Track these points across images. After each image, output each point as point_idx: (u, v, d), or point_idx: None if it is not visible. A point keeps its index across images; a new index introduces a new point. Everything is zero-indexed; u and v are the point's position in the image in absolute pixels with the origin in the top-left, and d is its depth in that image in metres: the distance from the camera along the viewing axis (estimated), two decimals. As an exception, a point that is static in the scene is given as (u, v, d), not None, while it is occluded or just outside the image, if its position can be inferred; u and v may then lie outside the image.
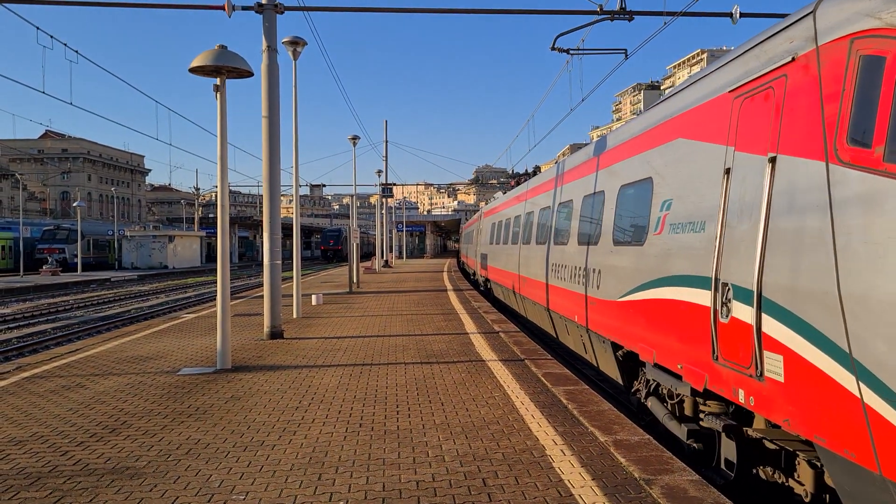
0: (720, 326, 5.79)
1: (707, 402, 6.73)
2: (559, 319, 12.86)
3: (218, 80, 9.74)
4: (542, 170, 23.14)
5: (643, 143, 8.42)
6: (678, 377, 6.84)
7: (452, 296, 22.75)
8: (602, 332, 9.56)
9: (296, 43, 15.08)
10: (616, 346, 9.22)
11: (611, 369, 9.91)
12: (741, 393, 5.46)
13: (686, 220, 6.71)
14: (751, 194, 5.46)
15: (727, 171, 5.91)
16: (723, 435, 6.34)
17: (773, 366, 4.96)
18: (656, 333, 7.30)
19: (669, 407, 7.56)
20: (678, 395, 7.29)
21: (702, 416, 6.76)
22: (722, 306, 5.75)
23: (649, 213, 7.75)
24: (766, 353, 5.05)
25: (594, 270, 9.87)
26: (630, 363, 9.07)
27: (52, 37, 13.57)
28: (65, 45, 13.95)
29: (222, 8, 12.73)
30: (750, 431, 6.12)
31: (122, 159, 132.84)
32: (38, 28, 13.24)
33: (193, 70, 9.51)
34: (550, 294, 13.38)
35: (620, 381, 9.44)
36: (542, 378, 8.95)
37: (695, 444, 6.87)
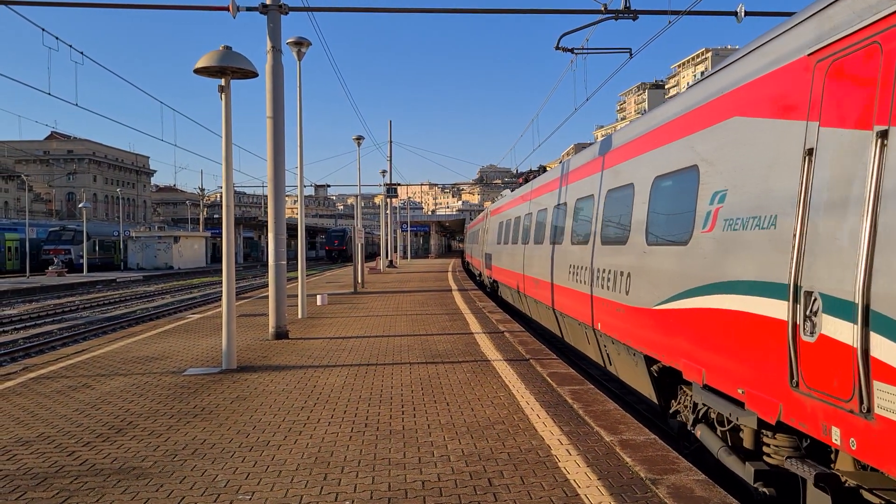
0: (802, 346, 4.70)
1: (775, 434, 5.58)
2: (577, 327, 11.75)
3: (223, 80, 9.76)
4: (548, 169, 21.40)
5: (684, 127, 7.29)
6: (738, 403, 5.73)
7: (457, 296, 22.75)
8: (632, 344, 8.39)
9: (300, 43, 15.11)
10: (650, 360, 8.10)
11: (643, 386, 8.73)
12: (836, 432, 4.37)
13: (747, 213, 5.61)
14: (847, 179, 4.41)
15: (808, 153, 4.83)
16: (810, 483, 5.01)
17: (891, 402, 3.87)
18: (706, 349, 6.18)
19: (720, 434, 6.42)
20: (730, 421, 6.13)
21: (766, 449, 5.69)
22: (805, 321, 4.67)
23: (695, 208, 6.65)
24: (877, 385, 4.00)
25: (622, 273, 8.77)
26: (667, 379, 8.01)
27: (57, 38, 13.62)
28: (70, 46, 14.00)
29: (226, 9, 12.75)
30: (842, 476, 4.89)
31: (128, 160, 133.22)
32: (43, 30, 13.29)
33: (198, 71, 9.53)
34: (566, 299, 12.29)
35: (655, 401, 8.29)
36: (548, 378, 8.94)
37: (765, 489, 5.62)
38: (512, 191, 24.47)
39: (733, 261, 5.78)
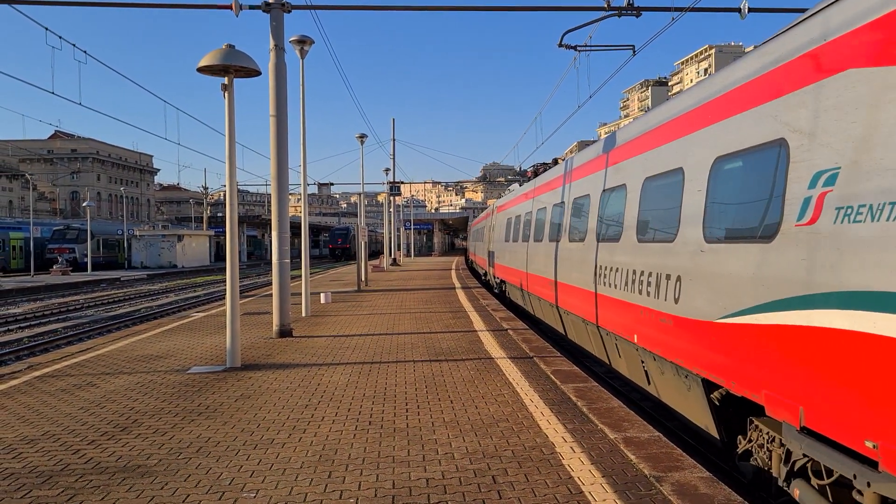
0: None
1: None
2: (605, 337, 10.32)
3: (226, 79, 9.77)
4: (560, 162, 19.24)
5: (761, 91, 5.78)
6: (867, 462, 4.32)
7: (461, 293, 22.75)
8: (684, 364, 6.96)
9: (303, 42, 15.10)
10: (709, 385, 6.65)
11: (697, 415, 7.21)
12: None
13: (880, 198, 4.16)
14: None
15: None
16: None
17: None
18: (808, 382, 4.74)
19: (816, 486, 5.05)
20: (830, 472, 4.80)
21: None
22: None
23: (783, 193, 5.21)
24: None
25: (668, 277, 7.38)
26: (731, 409, 6.61)
27: (60, 37, 13.63)
28: (73, 45, 14.02)
29: (230, 7, 12.75)
30: None
31: (131, 159, 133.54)
32: (47, 29, 13.31)
33: (201, 69, 9.54)
34: (589, 304, 10.86)
35: (715, 435, 6.83)
36: (552, 375, 8.94)
37: None
38: (520, 185, 23.27)
39: (857, 264, 4.30)
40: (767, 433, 5.81)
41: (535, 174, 19.77)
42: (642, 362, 8.69)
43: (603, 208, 10.52)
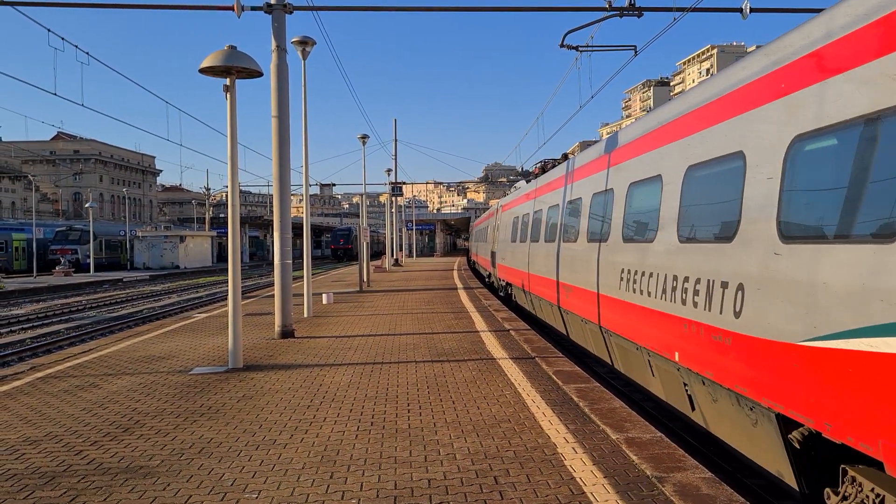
0: None
1: None
2: (635, 352, 9.14)
3: (228, 80, 9.78)
4: (569, 158, 17.75)
5: (866, 47, 4.49)
6: None
7: (462, 294, 22.74)
8: (750, 393, 5.73)
9: (305, 42, 15.10)
10: (786, 421, 5.43)
11: (766, 456, 6.00)
12: None
13: None
14: None
15: None
16: None
17: None
18: None
19: None
20: None
21: None
22: None
23: None
24: None
25: (724, 285, 6.15)
26: (812, 450, 5.42)
27: (63, 39, 13.66)
28: (76, 46, 14.04)
29: (231, 8, 12.77)
30: None
31: (134, 160, 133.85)
32: (49, 30, 13.33)
33: (203, 70, 9.55)
34: (614, 313, 9.77)
35: (793, 484, 5.60)
36: (553, 376, 8.94)
37: None
38: (527, 183, 22.09)
39: None
40: (874, 490, 4.56)
41: (543, 171, 18.93)
42: (685, 385, 7.44)
43: (630, 204, 9.34)
